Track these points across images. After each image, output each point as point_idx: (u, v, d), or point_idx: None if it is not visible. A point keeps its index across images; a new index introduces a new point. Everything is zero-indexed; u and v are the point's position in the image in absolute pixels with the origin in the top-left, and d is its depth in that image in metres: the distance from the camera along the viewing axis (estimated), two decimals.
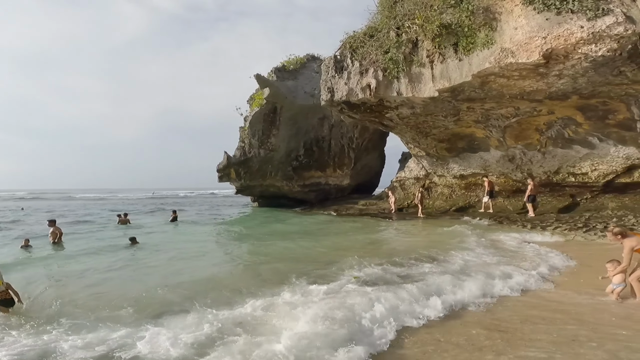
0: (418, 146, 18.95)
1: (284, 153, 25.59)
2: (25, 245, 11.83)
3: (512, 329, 4.76)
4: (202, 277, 7.83)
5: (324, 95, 16.63)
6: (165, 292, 6.66)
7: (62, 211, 30.02)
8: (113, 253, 10.87)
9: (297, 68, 25.36)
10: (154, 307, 5.91)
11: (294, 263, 8.68)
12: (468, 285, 6.15)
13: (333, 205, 24.81)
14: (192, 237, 14.62)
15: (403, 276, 7.00)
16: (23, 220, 22.59)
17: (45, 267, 9.09)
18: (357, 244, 11.30)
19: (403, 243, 11.41)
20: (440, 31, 11.04)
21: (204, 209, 32.27)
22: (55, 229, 12.85)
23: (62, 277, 8.13)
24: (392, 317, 4.91)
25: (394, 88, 13.60)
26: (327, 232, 14.57)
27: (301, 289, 6.28)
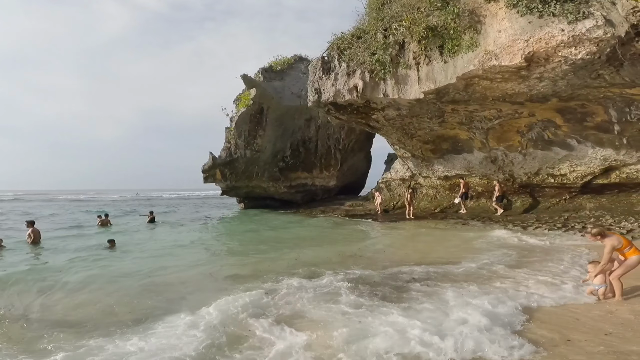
0: (404, 147, 19.15)
1: (270, 154, 25.47)
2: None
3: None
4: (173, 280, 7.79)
5: (311, 96, 16.67)
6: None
7: (42, 213, 29.08)
8: (91, 255, 10.62)
9: (285, 69, 25.30)
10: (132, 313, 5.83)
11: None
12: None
13: (320, 207, 24.83)
14: (169, 240, 14.29)
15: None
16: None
17: (18, 269, 8.82)
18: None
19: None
20: (426, 33, 11.19)
21: (187, 210, 31.83)
22: (33, 230, 12.49)
23: (36, 279, 7.91)
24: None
25: (380, 90, 13.73)
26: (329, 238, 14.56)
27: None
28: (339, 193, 28.45)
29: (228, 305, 5.54)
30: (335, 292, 6.22)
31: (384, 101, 14.47)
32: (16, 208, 36.20)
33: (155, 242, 13.74)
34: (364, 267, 8.05)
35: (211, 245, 13.94)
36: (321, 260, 8.93)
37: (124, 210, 32.29)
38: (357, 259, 9.06)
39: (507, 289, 6.21)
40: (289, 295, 6.11)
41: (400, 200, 22.21)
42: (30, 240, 12.24)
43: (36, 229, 12.69)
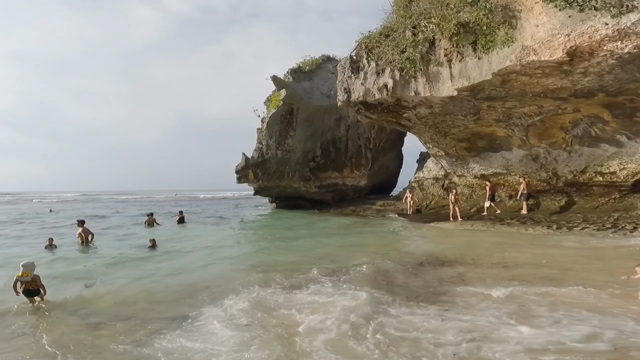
0: (437, 146, 18.64)
1: (301, 154, 25.66)
2: (50, 245, 12.07)
3: None
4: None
5: (340, 96, 16.59)
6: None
7: (90, 213, 31.09)
8: (135, 253, 11.22)
9: (313, 69, 25.38)
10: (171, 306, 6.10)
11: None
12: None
13: (350, 206, 24.74)
14: (206, 238, 14.87)
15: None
16: (51, 221, 23.45)
17: (69, 267, 9.42)
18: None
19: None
20: (457, 30, 10.80)
21: (220, 210, 32.80)
22: (83, 230, 13.12)
23: (85, 276, 8.45)
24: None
25: (411, 88, 13.42)
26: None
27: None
28: (369, 193, 28.18)
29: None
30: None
31: (415, 99, 14.13)
32: (66, 208, 38.91)
33: (193, 240, 14.23)
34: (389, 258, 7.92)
35: (243, 243, 14.42)
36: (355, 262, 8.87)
37: (168, 210, 33.84)
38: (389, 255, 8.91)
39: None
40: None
41: (433, 199, 21.68)
42: (81, 240, 12.89)
43: (86, 228, 13.34)
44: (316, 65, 25.61)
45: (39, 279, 6.42)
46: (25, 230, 18.10)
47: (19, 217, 26.22)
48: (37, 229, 18.40)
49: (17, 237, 15.63)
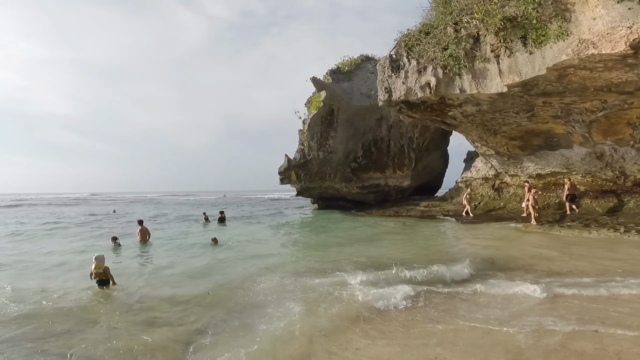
0: (486, 145, 17.61)
1: (342, 155, 25.52)
2: (114, 243, 12.87)
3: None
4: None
5: (381, 96, 16.22)
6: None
7: (148, 212, 33.33)
8: (198, 251, 11.75)
9: (352, 69, 25.11)
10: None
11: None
12: None
13: (393, 207, 24.16)
14: (258, 237, 15.45)
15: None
16: (115, 221, 25.39)
17: (131, 262, 10.23)
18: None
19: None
20: (504, 25, 10.06)
21: (266, 210, 33.55)
22: (142, 229, 13.90)
23: (146, 271, 9.11)
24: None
25: (456, 85, 12.74)
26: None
27: None
28: (413, 193, 27.32)
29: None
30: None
31: (461, 97, 13.40)
32: (126, 208, 42.04)
33: (250, 238, 14.89)
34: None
35: (289, 242, 14.60)
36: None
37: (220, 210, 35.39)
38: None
39: None
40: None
41: (482, 200, 20.53)
42: (140, 238, 13.65)
43: (145, 227, 14.11)
44: (355, 65, 25.30)
45: (108, 270, 7.31)
46: (95, 230, 19.67)
47: (89, 217, 28.70)
48: (106, 228, 19.84)
49: (90, 236, 16.81)
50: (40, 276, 8.72)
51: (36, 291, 7.25)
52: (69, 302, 6.64)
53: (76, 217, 28.66)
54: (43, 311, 6.14)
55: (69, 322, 5.66)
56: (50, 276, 8.73)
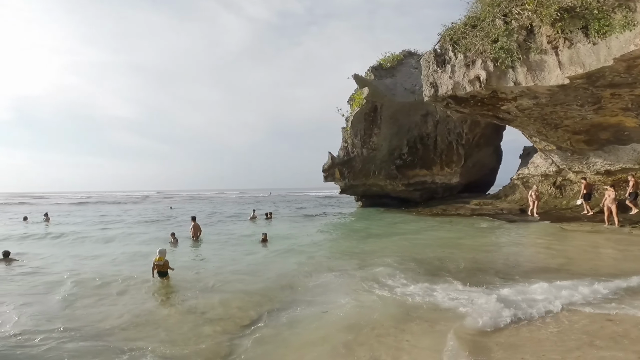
0: (546, 140, 16.25)
1: (387, 152, 24.92)
2: (173, 238, 13.57)
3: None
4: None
5: (426, 91, 15.57)
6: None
7: (200, 209, 35.18)
8: (247, 249, 12.10)
9: (394, 65, 24.30)
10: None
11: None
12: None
13: (440, 205, 23.19)
14: (303, 235, 15.64)
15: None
16: (173, 217, 27.06)
17: (186, 255, 10.90)
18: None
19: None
20: (560, 15, 9.10)
21: (311, 209, 33.91)
22: (195, 225, 14.48)
23: (198, 264, 9.63)
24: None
25: (509, 78, 11.79)
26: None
27: None
28: (462, 191, 25.99)
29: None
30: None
31: (515, 90, 12.40)
32: (181, 205, 44.61)
33: (295, 234, 15.25)
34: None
35: (333, 239, 14.75)
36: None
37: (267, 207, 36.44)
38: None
39: None
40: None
41: (542, 198, 19.02)
42: (192, 234, 14.25)
43: (197, 223, 14.70)
44: (397, 61, 24.45)
45: (167, 263, 7.95)
46: (155, 225, 21.09)
47: (148, 213, 30.90)
48: (164, 224, 21.18)
49: (151, 232, 18.00)
50: (107, 263, 9.78)
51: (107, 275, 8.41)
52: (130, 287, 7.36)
53: (138, 213, 31.05)
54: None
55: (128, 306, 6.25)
56: (116, 263, 9.76)
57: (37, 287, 7.75)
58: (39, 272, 9.16)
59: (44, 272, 9.15)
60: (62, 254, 11.73)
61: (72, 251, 12.29)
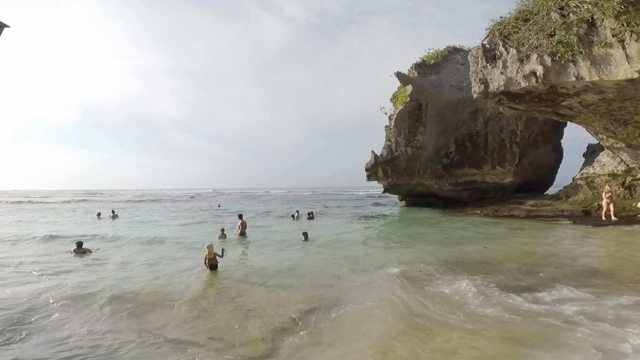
0: (614, 137, 14.73)
1: (433, 150, 23.99)
2: (222, 235, 13.93)
3: None
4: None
5: (475, 88, 14.76)
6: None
7: (247, 207, 36.44)
8: (290, 246, 12.30)
9: (439, 62, 23.24)
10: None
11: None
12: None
13: (491, 206, 21.87)
14: (345, 233, 15.72)
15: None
16: (220, 214, 28.25)
17: (233, 251, 11.34)
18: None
19: None
20: (624, 8, 8.11)
21: (353, 207, 33.63)
22: (242, 222, 14.86)
23: (244, 261, 10.05)
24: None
25: (570, 73, 10.76)
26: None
27: None
28: (516, 191, 24.27)
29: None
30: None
31: (578, 85, 11.30)
32: (229, 203, 46.43)
33: (336, 233, 15.25)
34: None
35: (374, 238, 14.49)
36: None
37: (308, 209, 36.91)
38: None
39: None
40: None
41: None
42: (240, 230, 14.58)
43: (244, 221, 15.07)
44: (442, 57, 23.36)
45: (216, 256, 8.45)
46: (203, 221, 22.14)
47: (199, 211, 32.55)
48: (212, 221, 22.01)
49: (203, 229, 18.70)
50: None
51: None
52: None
53: (190, 209, 32.87)
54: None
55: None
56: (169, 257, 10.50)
57: (105, 273, 8.71)
58: (108, 261, 10.27)
59: (112, 261, 10.29)
60: (127, 245, 13.11)
61: (135, 244, 13.46)
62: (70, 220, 23.59)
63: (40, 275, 8.45)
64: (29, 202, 49.71)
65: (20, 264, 9.77)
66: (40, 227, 19.33)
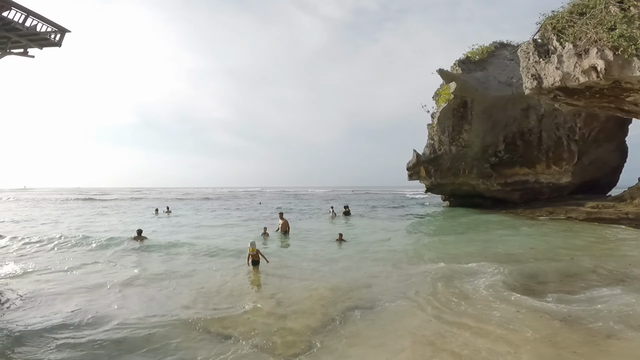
0: None
1: (479, 149, 22.84)
2: (265, 233, 14.29)
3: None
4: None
5: (527, 83, 13.93)
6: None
7: (288, 205, 37.14)
8: (325, 246, 12.43)
9: (484, 57, 21.95)
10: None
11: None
12: None
13: (545, 207, 20.45)
14: (381, 231, 15.60)
15: None
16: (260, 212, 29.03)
17: (274, 249, 11.81)
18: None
19: None
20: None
21: (393, 206, 33.04)
22: (283, 221, 15.00)
23: (284, 259, 10.25)
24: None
25: (634, 67, 9.77)
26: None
27: None
28: (574, 192, 22.43)
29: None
30: None
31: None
32: (270, 201, 47.58)
33: (374, 233, 15.18)
34: None
35: (414, 239, 14.29)
36: None
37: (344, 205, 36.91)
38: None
39: None
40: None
41: None
42: (281, 229, 14.76)
43: (285, 219, 15.22)
44: (488, 53, 22.05)
45: (259, 252, 8.86)
46: (246, 218, 22.91)
47: (240, 209, 33.66)
48: (256, 219, 22.57)
49: (245, 226, 19.43)
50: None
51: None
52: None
53: (235, 207, 34.20)
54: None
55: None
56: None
57: (160, 259, 9.66)
58: (162, 249, 11.53)
59: (164, 249, 11.56)
60: (181, 236, 14.42)
61: (189, 236, 14.61)
62: (134, 220, 25.07)
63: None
64: (90, 200, 53.20)
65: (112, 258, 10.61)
66: (115, 223, 20.52)
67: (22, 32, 13.77)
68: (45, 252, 11.43)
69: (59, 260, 10.13)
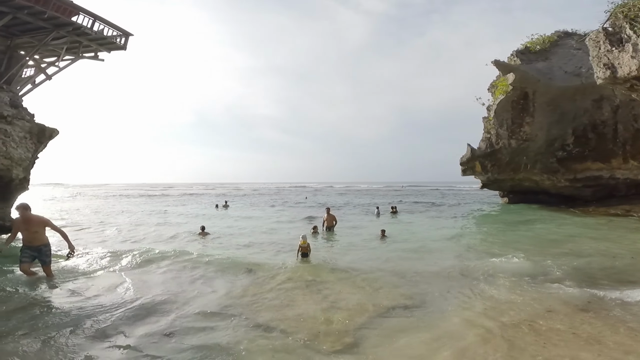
0: None
1: (544, 142, 21.08)
2: (314, 231, 14.26)
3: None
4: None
5: (599, 73, 12.65)
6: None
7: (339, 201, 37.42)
8: (367, 244, 12.23)
9: (547, 47, 19.98)
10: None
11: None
12: None
13: (622, 205, 18.49)
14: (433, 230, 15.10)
15: None
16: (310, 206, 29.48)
17: (322, 244, 12.15)
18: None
19: None
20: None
21: (446, 202, 31.79)
22: (329, 216, 14.98)
23: (331, 255, 10.30)
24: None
25: None
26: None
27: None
28: None
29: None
30: None
31: None
32: (314, 195, 48.02)
33: (422, 231, 14.81)
34: None
35: (464, 242, 13.41)
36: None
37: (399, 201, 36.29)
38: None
39: None
40: None
41: None
42: (327, 224, 14.73)
43: (331, 215, 15.19)
44: (550, 42, 20.08)
45: (309, 246, 9.55)
46: (296, 213, 23.58)
47: (289, 205, 34.42)
48: (306, 216, 22.59)
49: (292, 222, 19.80)
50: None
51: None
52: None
53: (282, 201, 35.18)
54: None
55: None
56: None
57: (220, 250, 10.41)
58: (223, 243, 12.56)
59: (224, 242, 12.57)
60: (238, 230, 15.72)
61: (244, 230, 15.78)
62: (198, 212, 26.28)
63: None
64: (156, 195, 57.13)
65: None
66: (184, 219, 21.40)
67: (91, 37, 15.03)
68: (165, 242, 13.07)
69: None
